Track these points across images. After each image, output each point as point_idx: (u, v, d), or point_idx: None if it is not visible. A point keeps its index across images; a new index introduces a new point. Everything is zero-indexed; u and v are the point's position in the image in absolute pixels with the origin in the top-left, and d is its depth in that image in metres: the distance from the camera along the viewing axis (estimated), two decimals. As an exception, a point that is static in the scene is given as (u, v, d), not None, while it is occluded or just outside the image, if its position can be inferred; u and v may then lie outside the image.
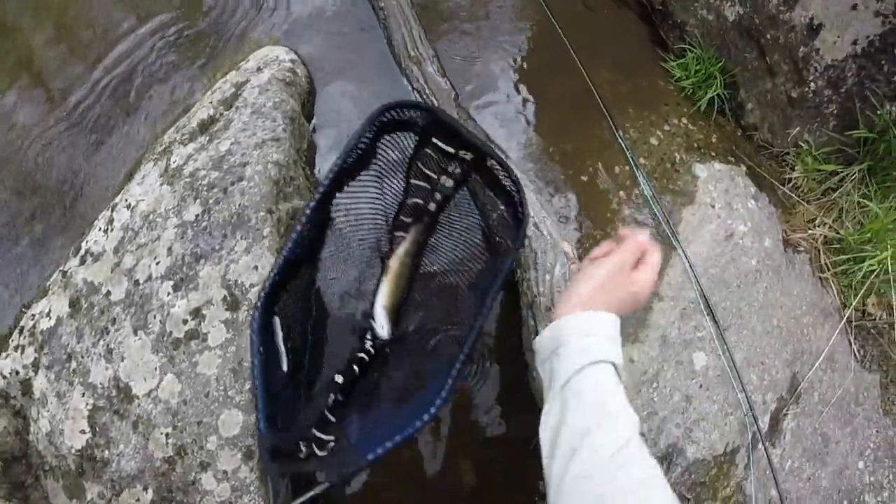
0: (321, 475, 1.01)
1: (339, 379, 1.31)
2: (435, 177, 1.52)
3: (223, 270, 1.58)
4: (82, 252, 1.82)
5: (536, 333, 1.47)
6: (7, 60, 2.75)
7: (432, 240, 1.63)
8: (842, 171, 2.08)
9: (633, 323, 1.74)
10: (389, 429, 1.03)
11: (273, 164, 1.69)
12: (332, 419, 1.23)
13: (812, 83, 1.99)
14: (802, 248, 2.08)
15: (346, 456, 1.03)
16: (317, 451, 1.11)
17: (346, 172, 1.35)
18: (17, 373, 1.77)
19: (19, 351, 1.79)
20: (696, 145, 2.11)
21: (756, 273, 1.92)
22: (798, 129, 2.11)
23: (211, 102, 1.98)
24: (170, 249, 1.64)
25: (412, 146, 1.48)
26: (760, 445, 1.72)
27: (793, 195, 2.13)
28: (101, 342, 1.64)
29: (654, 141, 2.10)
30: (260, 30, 2.45)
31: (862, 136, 1.99)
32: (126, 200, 1.81)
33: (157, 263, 1.64)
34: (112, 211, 1.83)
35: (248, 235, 1.59)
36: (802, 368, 1.92)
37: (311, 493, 1.02)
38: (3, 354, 1.84)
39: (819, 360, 1.94)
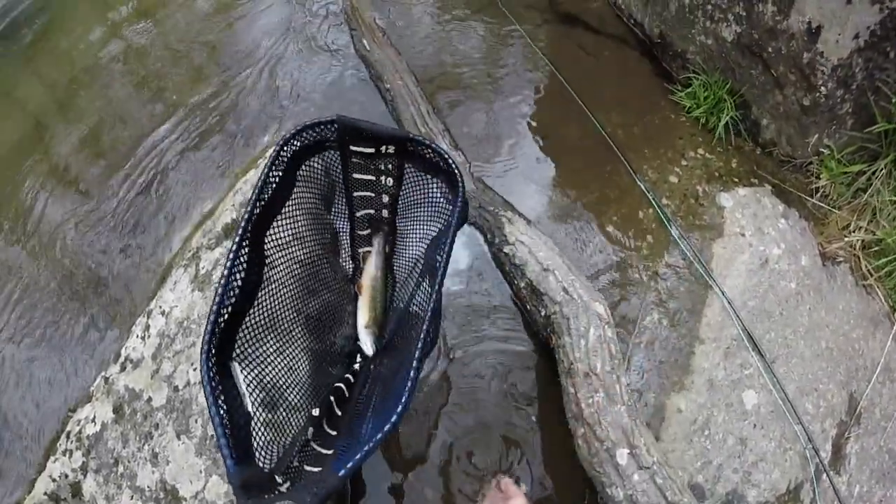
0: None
1: (315, 412, 1.28)
2: (373, 178, 1.48)
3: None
4: (122, 359, 1.90)
5: (577, 402, 1.50)
6: (40, 166, 2.99)
7: (398, 244, 1.60)
8: (868, 170, 2.04)
9: (678, 371, 1.72)
10: (360, 442, 1.01)
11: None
12: (318, 449, 1.21)
13: (822, 87, 1.96)
14: (841, 259, 2.03)
15: (319, 477, 1.03)
16: (294, 481, 1.08)
17: (266, 209, 1.26)
18: (67, 476, 1.85)
19: (67, 455, 1.88)
20: (717, 174, 2.10)
21: (797, 296, 1.88)
22: (816, 135, 2.08)
23: (233, 205, 2.06)
24: None
25: (338, 161, 1.44)
26: (825, 476, 1.67)
27: (823, 205, 2.10)
28: (147, 447, 1.72)
29: (673, 178, 2.10)
30: (273, 127, 2.58)
31: (882, 129, 1.95)
32: (160, 307, 1.89)
33: (195, 369, 1.71)
34: (148, 317, 1.91)
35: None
36: (860, 386, 1.87)
37: None
38: (52, 458, 1.92)
39: (876, 374, 1.89)
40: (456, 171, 1.25)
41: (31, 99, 3.58)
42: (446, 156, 1.27)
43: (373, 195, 1.52)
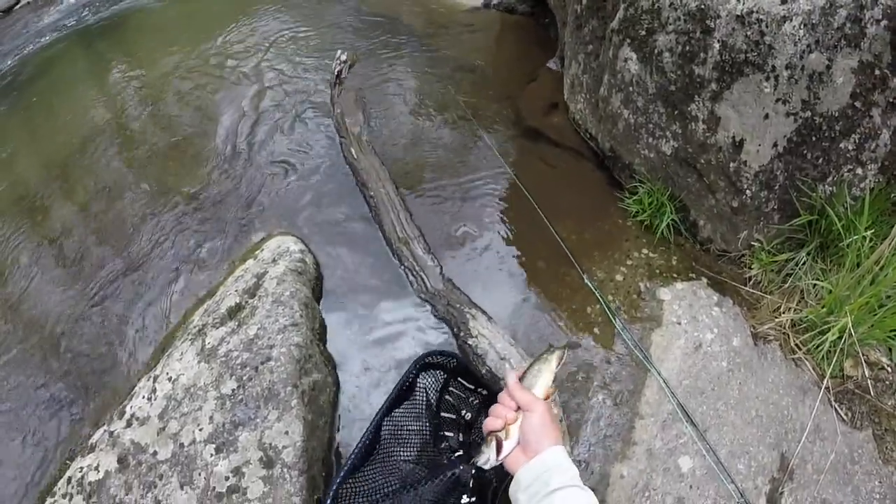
0: None
1: None
2: (456, 407, 1.83)
3: (259, 436, 1.86)
4: (127, 416, 2.06)
5: None
6: (32, 235, 3.14)
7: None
8: (796, 256, 2.31)
9: (620, 442, 1.98)
10: None
11: (294, 346, 2.02)
12: None
13: (748, 190, 2.26)
14: (772, 337, 2.29)
15: None
16: None
17: (395, 402, 1.68)
18: None
19: (67, 499, 1.99)
20: (658, 271, 2.40)
21: (728, 372, 2.15)
22: (746, 231, 2.38)
23: (236, 290, 2.31)
24: (211, 418, 1.91)
25: (441, 382, 1.81)
26: (761, 529, 1.86)
27: (755, 291, 2.37)
28: (150, 494, 1.86)
29: (619, 277, 2.40)
30: (266, 219, 2.85)
31: (805, 220, 2.23)
32: (167, 374, 2.09)
33: (200, 429, 1.90)
34: (154, 382, 2.10)
35: (279, 406, 1.89)
36: (790, 446, 2.09)
37: None
38: (50, 500, 2.03)
39: (805, 434, 2.11)
40: None
41: (25, 164, 3.74)
42: None
43: (454, 418, 1.83)
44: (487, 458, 1.36)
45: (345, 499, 1.50)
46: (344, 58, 3.69)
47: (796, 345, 2.32)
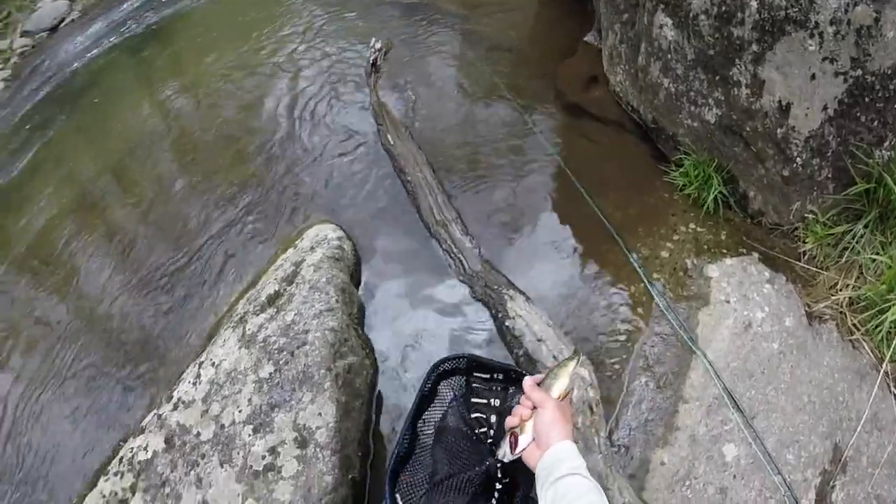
0: None
1: None
2: (484, 397, 1.87)
3: (294, 417, 1.92)
4: (175, 399, 2.17)
5: None
6: (91, 232, 3.34)
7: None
8: (853, 229, 2.15)
9: (662, 427, 1.90)
10: None
11: (329, 331, 2.07)
12: None
13: (798, 158, 2.12)
14: (827, 317, 2.15)
15: None
16: None
17: (422, 404, 1.80)
18: (116, 494, 2.09)
19: (118, 476, 2.12)
20: (705, 247, 2.28)
21: (779, 355, 2.03)
22: (799, 202, 2.23)
23: (275, 279, 2.38)
24: (250, 400, 1.99)
25: (462, 382, 1.88)
26: (806, 524, 1.77)
27: (810, 267, 2.23)
28: (192, 472, 1.97)
29: (665, 253, 2.29)
30: (308, 208, 2.90)
31: (862, 189, 2.07)
32: (211, 360, 2.18)
33: (240, 411, 1.98)
34: (199, 367, 2.19)
35: (313, 389, 1.95)
36: (844, 436, 1.96)
37: None
38: (104, 478, 2.17)
39: (861, 423, 1.98)
40: None
41: (82, 168, 3.94)
42: None
43: (486, 403, 1.89)
44: (504, 452, 1.50)
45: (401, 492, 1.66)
46: (378, 45, 3.68)
47: (854, 325, 2.17)
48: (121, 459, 2.18)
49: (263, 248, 2.82)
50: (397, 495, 1.66)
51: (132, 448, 2.17)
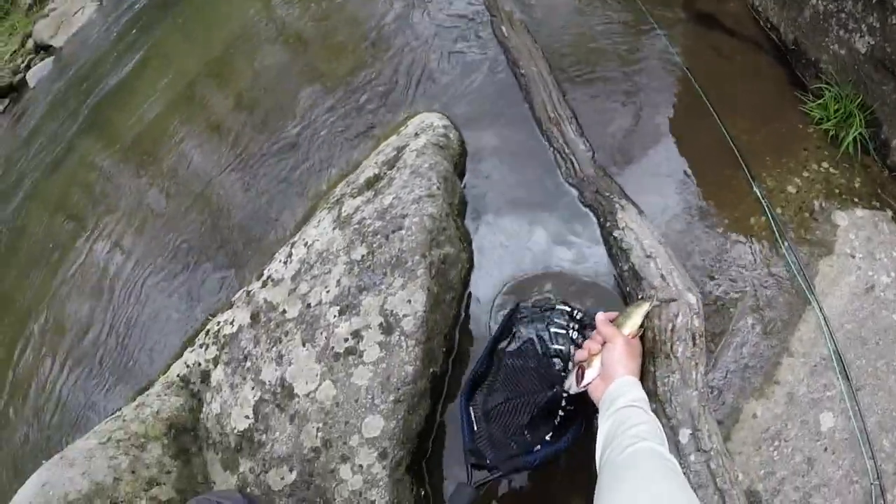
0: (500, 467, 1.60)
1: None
2: (564, 331, 1.89)
3: (382, 301, 1.88)
4: (264, 277, 2.19)
5: (654, 380, 1.65)
6: (194, 121, 3.50)
7: None
8: None
9: (761, 378, 1.76)
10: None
11: (428, 217, 1.98)
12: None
13: None
14: None
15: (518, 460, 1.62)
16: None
17: (502, 334, 1.88)
18: (199, 364, 2.17)
19: (203, 348, 2.20)
20: (837, 191, 2.04)
21: None
22: None
23: (376, 163, 2.33)
24: (339, 281, 1.97)
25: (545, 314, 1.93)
26: (886, 520, 1.63)
27: None
28: (274, 349, 1.99)
29: (791, 189, 2.07)
30: (414, 98, 2.85)
31: None
32: (304, 240, 2.18)
33: (327, 292, 1.97)
34: (291, 247, 2.20)
35: (405, 275, 1.89)
36: None
37: (491, 478, 1.59)
38: (190, 349, 2.26)
39: None
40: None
41: (185, 61, 4.13)
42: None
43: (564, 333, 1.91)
44: (570, 384, 1.57)
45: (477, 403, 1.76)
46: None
47: None
48: (207, 332, 2.26)
49: (367, 135, 2.81)
50: (471, 408, 1.74)
51: (219, 322, 2.24)
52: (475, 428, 1.69)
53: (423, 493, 1.87)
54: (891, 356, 1.80)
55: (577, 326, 1.85)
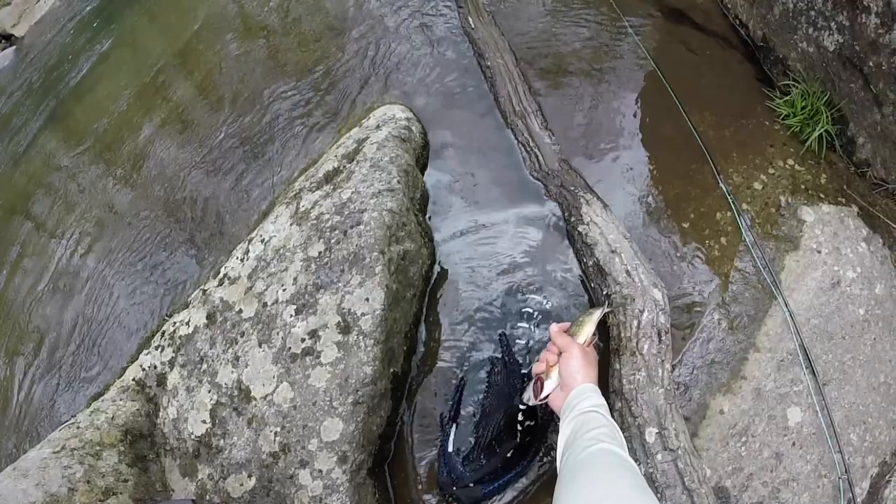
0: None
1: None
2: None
3: (339, 300, 1.81)
4: (221, 276, 2.11)
5: (620, 378, 1.64)
6: (157, 111, 3.39)
7: None
8: None
9: (728, 373, 1.74)
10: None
11: (387, 212, 1.91)
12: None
13: None
14: None
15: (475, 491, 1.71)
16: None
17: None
18: (155, 367, 2.08)
19: (159, 350, 2.10)
20: (803, 187, 2.04)
21: (864, 323, 1.83)
22: None
23: (336, 156, 2.25)
24: (295, 279, 1.89)
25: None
26: (854, 514, 1.63)
27: None
28: (230, 350, 1.91)
29: (757, 185, 2.06)
30: (377, 89, 2.77)
31: None
32: (261, 236, 2.09)
33: (284, 290, 1.89)
34: (248, 244, 2.11)
35: (363, 272, 1.82)
36: None
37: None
38: (145, 351, 2.16)
39: None
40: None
41: (150, 50, 3.99)
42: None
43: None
44: (529, 396, 1.60)
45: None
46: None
47: (953, 308, 1.94)
48: (163, 333, 2.17)
49: (330, 127, 2.74)
50: (453, 424, 1.86)
51: (175, 322, 2.15)
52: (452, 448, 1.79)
53: (386, 496, 1.83)
54: (857, 351, 1.81)
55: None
